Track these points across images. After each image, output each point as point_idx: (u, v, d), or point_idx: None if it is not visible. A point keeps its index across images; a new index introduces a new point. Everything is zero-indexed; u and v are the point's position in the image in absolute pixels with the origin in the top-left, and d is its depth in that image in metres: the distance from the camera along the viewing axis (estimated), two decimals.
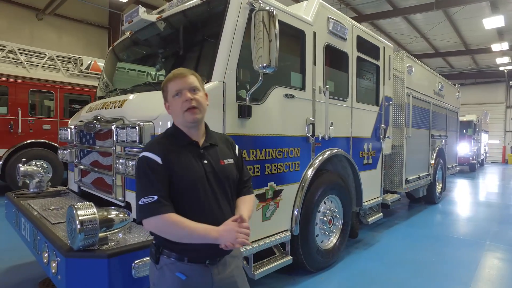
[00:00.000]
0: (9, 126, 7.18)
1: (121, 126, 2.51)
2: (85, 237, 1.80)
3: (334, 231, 3.87)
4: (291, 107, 3.15)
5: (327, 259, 3.68)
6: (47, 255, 2.14)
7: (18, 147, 7.29)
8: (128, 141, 2.42)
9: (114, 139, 2.62)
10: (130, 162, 2.41)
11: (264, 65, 2.41)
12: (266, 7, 2.45)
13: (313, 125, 3.36)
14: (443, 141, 7.95)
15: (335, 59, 3.90)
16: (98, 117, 3.02)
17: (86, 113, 3.43)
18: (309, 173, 3.36)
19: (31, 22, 12.95)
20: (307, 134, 3.33)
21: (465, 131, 15.14)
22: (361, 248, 4.47)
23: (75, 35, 14.18)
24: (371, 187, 4.58)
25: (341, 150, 3.86)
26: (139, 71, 3.91)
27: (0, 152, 7.09)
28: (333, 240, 3.83)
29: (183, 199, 1.45)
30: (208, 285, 1.50)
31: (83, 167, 3.41)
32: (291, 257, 3.14)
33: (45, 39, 13.13)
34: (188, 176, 1.46)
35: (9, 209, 3.37)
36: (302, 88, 3.29)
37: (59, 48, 12.24)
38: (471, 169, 15.72)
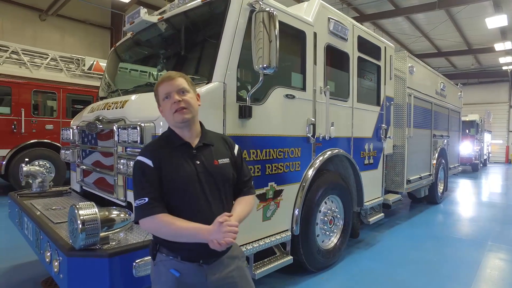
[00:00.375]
0: (12, 126, 7.23)
1: (122, 126, 2.53)
2: (86, 236, 1.83)
3: (335, 231, 3.88)
4: (292, 108, 3.16)
5: (328, 259, 3.69)
6: (49, 254, 2.16)
7: (21, 147, 7.34)
8: (129, 141, 2.43)
9: (116, 139, 2.63)
10: (131, 162, 2.43)
11: (265, 65, 2.42)
12: (267, 8, 2.46)
13: (313, 125, 3.37)
14: (445, 141, 7.93)
15: (336, 59, 3.91)
16: (100, 118, 3.05)
17: (88, 114, 3.45)
18: (310, 173, 3.37)
19: (34, 23, 13.04)
20: (307, 134, 3.34)
21: (467, 131, 15.09)
22: (362, 248, 4.47)
23: (78, 35, 14.25)
24: (372, 187, 4.58)
25: (342, 150, 3.87)
26: (141, 71, 3.93)
27: (4, 152, 7.15)
28: (334, 240, 3.84)
29: (174, 199, 1.49)
30: (203, 284, 1.51)
31: (85, 167, 3.44)
32: (291, 257, 3.14)
33: (48, 39, 13.20)
34: (178, 177, 1.49)
35: (12, 208, 3.40)
36: (303, 89, 3.30)
37: (62, 48, 12.32)
38: (473, 169, 15.66)
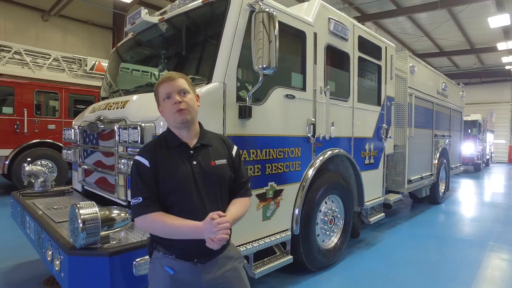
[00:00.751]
0: (15, 126, 7.28)
1: (123, 126, 2.55)
2: (87, 235, 1.84)
3: (335, 230, 3.88)
4: (292, 108, 3.17)
5: (328, 258, 3.70)
6: (50, 253, 2.18)
7: (23, 147, 7.39)
8: (130, 141, 2.45)
9: (117, 139, 2.65)
10: (132, 162, 2.44)
11: (264, 66, 2.44)
12: (266, 9, 2.47)
13: (313, 125, 3.38)
14: (447, 141, 7.91)
15: (336, 59, 3.91)
16: (101, 118, 3.07)
17: (89, 114, 3.47)
18: (310, 173, 3.38)
19: (37, 23, 13.11)
20: (307, 134, 3.34)
21: (470, 130, 15.02)
22: (363, 248, 4.47)
23: (80, 35, 14.32)
24: (372, 187, 4.59)
25: (342, 150, 3.87)
26: (142, 71, 3.95)
27: (6, 152, 7.20)
28: (334, 240, 3.85)
29: (171, 199, 1.52)
30: (197, 283, 1.51)
31: (86, 167, 3.46)
32: (291, 256, 3.16)
33: (50, 40, 13.27)
34: (174, 178, 1.51)
35: (14, 208, 3.43)
36: (303, 89, 3.31)
37: (64, 48, 12.39)
38: (476, 169, 15.60)
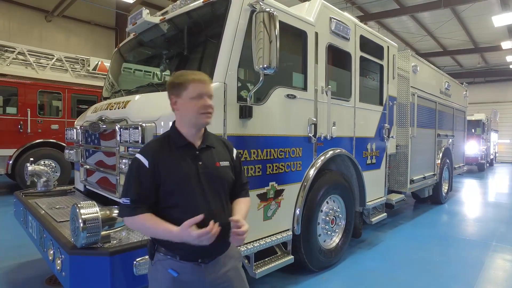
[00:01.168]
0: (18, 126, 7.33)
1: (124, 126, 2.56)
2: (87, 235, 1.86)
3: (337, 230, 3.88)
4: (293, 107, 3.17)
5: (329, 258, 3.69)
6: (52, 252, 2.20)
7: (27, 147, 7.43)
8: (131, 141, 2.46)
9: (118, 139, 2.67)
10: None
11: (265, 66, 2.44)
12: (267, 9, 2.47)
13: (315, 125, 3.38)
14: (450, 140, 7.86)
15: (337, 59, 3.90)
16: (103, 118, 3.08)
17: (91, 114, 3.49)
18: (311, 173, 3.38)
19: (40, 24, 13.19)
20: (309, 134, 3.34)
21: (473, 130, 14.93)
22: (365, 248, 4.46)
23: (83, 36, 14.39)
24: (374, 187, 4.57)
25: (344, 150, 3.86)
26: (144, 71, 3.96)
27: (10, 152, 7.25)
28: (335, 240, 3.84)
29: (175, 200, 1.50)
30: (200, 283, 1.52)
31: (88, 167, 3.48)
32: (292, 256, 3.15)
33: (53, 40, 13.35)
34: (178, 178, 1.50)
35: (17, 207, 3.45)
36: (304, 89, 3.31)
37: (67, 49, 12.46)
38: (479, 169, 15.51)
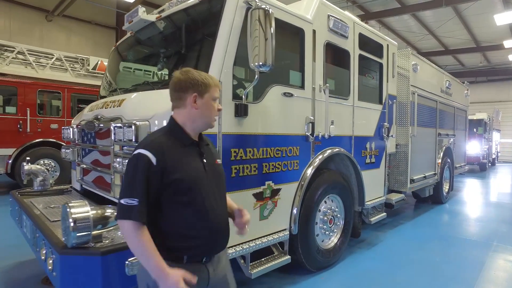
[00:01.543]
0: (18, 126, 7.32)
1: (118, 125, 2.53)
2: (78, 235, 1.83)
3: (335, 230, 3.84)
4: (290, 106, 3.13)
5: (327, 258, 3.66)
6: (44, 252, 2.18)
7: (26, 146, 7.42)
8: (124, 140, 2.43)
9: (112, 138, 2.64)
10: (126, 161, 2.43)
11: (260, 63, 2.41)
12: (262, 6, 2.44)
13: (312, 124, 3.34)
14: (451, 140, 7.81)
15: (336, 57, 3.86)
16: (99, 117, 3.06)
17: (88, 113, 3.47)
18: (309, 172, 3.34)
19: (41, 24, 13.21)
20: (306, 133, 3.30)
21: (475, 130, 14.84)
22: (364, 248, 4.42)
23: (84, 35, 14.41)
24: (374, 186, 4.53)
25: (342, 149, 3.82)
26: (140, 70, 3.94)
27: (10, 151, 7.24)
28: (334, 240, 3.80)
29: (186, 199, 1.45)
30: (205, 282, 1.51)
31: (84, 166, 3.46)
32: (289, 256, 3.12)
33: (54, 40, 13.37)
34: (190, 177, 1.46)
35: (13, 206, 3.44)
36: (301, 87, 3.27)
37: (68, 48, 12.47)
38: (481, 168, 15.41)
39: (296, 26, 3.20)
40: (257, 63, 2.41)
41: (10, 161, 7.22)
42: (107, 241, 2.04)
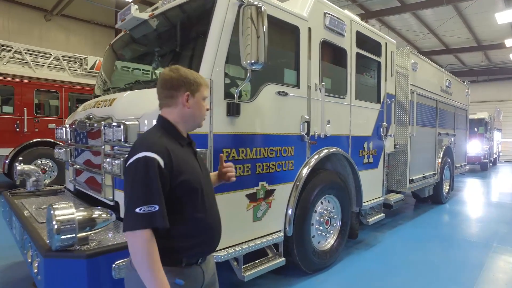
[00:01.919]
0: (15, 126, 7.28)
1: (108, 125, 2.49)
2: (62, 237, 1.78)
3: (332, 232, 3.78)
4: (284, 105, 3.08)
5: (324, 260, 3.60)
6: (31, 254, 2.13)
7: (24, 146, 7.38)
8: (114, 140, 2.39)
9: (103, 138, 2.59)
10: (116, 161, 2.39)
11: (252, 61, 2.35)
12: (255, 2, 2.38)
13: (308, 123, 3.28)
14: (451, 139, 7.73)
15: (332, 55, 3.81)
16: (90, 116, 3.01)
17: (80, 112, 3.43)
18: (304, 172, 3.29)
19: (40, 23, 13.19)
20: (301, 133, 3.25)
21: (476, 129, 14.74)
22: (362, 249, 4.37)
23: (83, 35, 14.38)
24: (372, 186, 4.47)
25: (339, 149, 3.77)
26: (133, 68, 3.89)
27: (7, 151, 7.21)
28: (330, 241, 3.75)
29: (189, 201, 1.42)
30: (200, 283, 1.50)
31: (77, 166, 3.41)
32: (283, 258, 3.06)
33: (53, 39, 13.35)
34: (194, 177, 1.44)
35: (4, 207, 3.39)
36: (296, 85, 3.22)
37: (67, 48, 12.44)
38: (482, 168, 15.31)
39: (291, 24, 3.15)
40: (249, 61, 2.35)
41: (7, 161, 7.18)
42: (94, 243, 1.98)
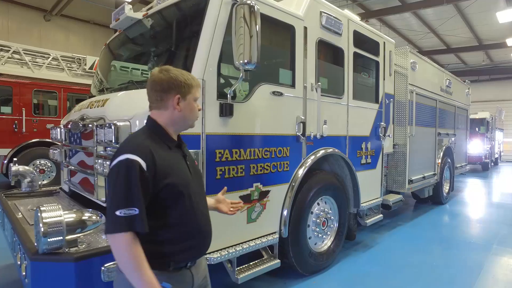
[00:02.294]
0: (13, 126, 7.27)
1: (99, 125, 2.46)
2: (49, 240, 1.75)
3: (329, 233, 3.75)
4: (279, 105, 3.04)
5: (320, 262, 3.57)
6: (19, 257, 2.10)
7: (22, 146, 7.37)
8: (106, 140, 2.36)
9: (95, 138, 2.57)
10: (107, 162, 2.36)
11: (245, 61, 2.32)
12: (248, 1, 2.35)
13: (303, 123, 3.25)
14: (451, 139, 7.68)
15: (329, 55, 3.77)
16: (84, 117, 2.99)
17: (75, 112, 3.40)
18: (300, 172, 3.25)
19: (40, 24, 13.19)
20: (297, 133, 3.21)
21: (477, 129, 14.66)
22: (360, 251, 4.33)
23: (82, 35, 14.37)
24: (370, 187, 4.43)
25: (336, 150, 3.73)
26: (127, 68, 3.86)
27: (5, 151, 7.20)
28: (327, 243, 3.71)
29: (176, 202, 1.38)
30: (189, 286, 1.48)
31: (71, 167, 3.39)
32: (279, 260, 3.02)
33: (53, 39, 13.34)
34: (180, 179, 1.40)
35: None
36: (292, 85, 3.18)
37: (67, 48, 12.43)
38: (483, 168, 15.22)
39: (286, 23, 3.11)
40: (242, 61, 2.33)
41: (5, 162, 7.17)
42: (83, 245, 1.96)
